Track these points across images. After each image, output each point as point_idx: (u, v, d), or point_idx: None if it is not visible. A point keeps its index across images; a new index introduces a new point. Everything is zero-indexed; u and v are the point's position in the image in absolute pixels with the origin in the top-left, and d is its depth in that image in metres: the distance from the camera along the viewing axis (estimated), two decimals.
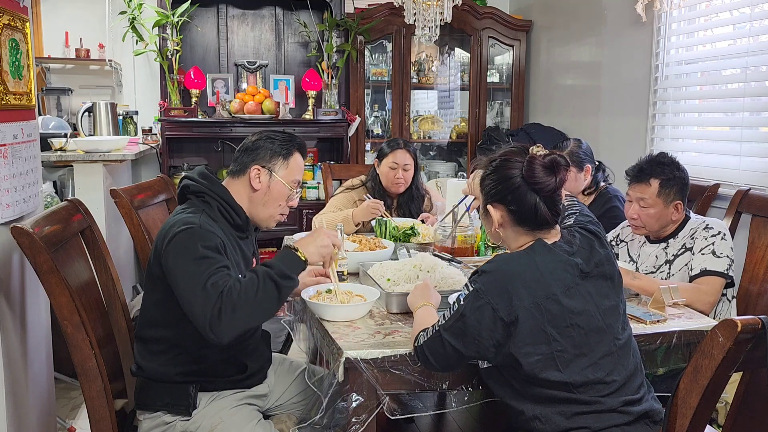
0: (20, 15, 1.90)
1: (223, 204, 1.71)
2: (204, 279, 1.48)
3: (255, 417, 1.74)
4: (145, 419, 1.71)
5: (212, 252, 1.55)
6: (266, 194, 1.76)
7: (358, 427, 1.52)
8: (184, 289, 1.51)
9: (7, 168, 1.80)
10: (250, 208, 1.78)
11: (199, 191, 1.72)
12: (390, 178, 2.91)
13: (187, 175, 1.78)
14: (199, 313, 1.46)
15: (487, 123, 4.75)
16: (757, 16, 2.82)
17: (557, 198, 1.49)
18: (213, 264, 1.52)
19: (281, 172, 1.77)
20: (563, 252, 1.47)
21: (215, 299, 1.45)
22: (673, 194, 2.20)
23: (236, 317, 1.46)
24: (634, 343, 1.54)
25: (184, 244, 1.55)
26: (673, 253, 2.25)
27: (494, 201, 1.52)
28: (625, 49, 3.65)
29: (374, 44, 4.58)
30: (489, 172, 1.53)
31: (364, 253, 2.26)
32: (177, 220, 1.63)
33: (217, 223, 1.68)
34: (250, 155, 1.76)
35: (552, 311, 1.40)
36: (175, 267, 1.54)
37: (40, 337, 2.08)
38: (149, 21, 3.98)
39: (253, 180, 1.74)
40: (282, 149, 1.77)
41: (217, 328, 1.45)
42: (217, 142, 4.42)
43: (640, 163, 2.27)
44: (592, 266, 1.48)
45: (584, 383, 1.41)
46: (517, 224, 1.50)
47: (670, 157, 2.25)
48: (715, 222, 2.24)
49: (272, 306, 1.54)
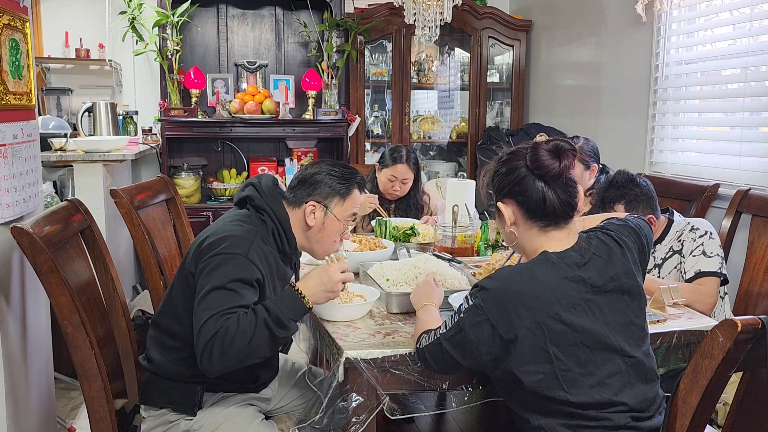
0: (20, 15, 1.90)
1: (279, 228, 1.68)
2: (211, 313, 1.47)
3: (257, 417, 1.74)
4: (149, 416, 1.70)
5: (242, 287, 1.51)
6: (320, 231, 1.72)
7: (358, 427, 1.52)
8: (197, 312, 1.50)
9: (7, 168, 1.80)
10: (305, 243, 1.74)
11: (261, 207, 1.68)
12: (386, 187, 2.98)
13: (254, 183, 1.72)
14: (196, 343, 1.47)
15: (487, 123, 4.75)
16: (757, 16, 2.82)
17: (569, 188, 1.45)
18: (231, 301, 1.49)
19: (337, 209, 1.72)
20: (572, 263, 1.40)
21: (208, 339, 1.44)
22: (641, 211, 2.18)
23: (225, 359, 1.45)
24: (651, 360, 1.46)
25: (220, 269, 1.52)
26: (661, 257, 2.25)
27: (503, 197, 1.48)
28: (625, 49, 3.64)
29: (374, 44, 4.58)
30: (497, 168, 1.51)
31: (364, 253, 2.26)
32: (229, 235, 1.57)
33: (267, 245, 1.64)
34: (308, 189, 1.71)
35: (554, 330, 1.35)
36: (202, 286, 1.52)
37: (40, 337, 2.08)
38: (149, 21, 3.98)
39: (308, 216, 1.70)
40: (341, 188, 1.72)
41: (207, 365, 1.46)
42: (217, 142, 4.43)
43: (599, 192, 2.25)
44: (606, 279, 1.40)
45: (591, 404, 1.37)
46: (529, 219, 1.46)
47: (626, 176, 2.23)
48: (699, 222, 2.24)
49: (265, 351, 1.51)
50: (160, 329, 1.70)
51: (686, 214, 2.74)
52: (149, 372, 1.71)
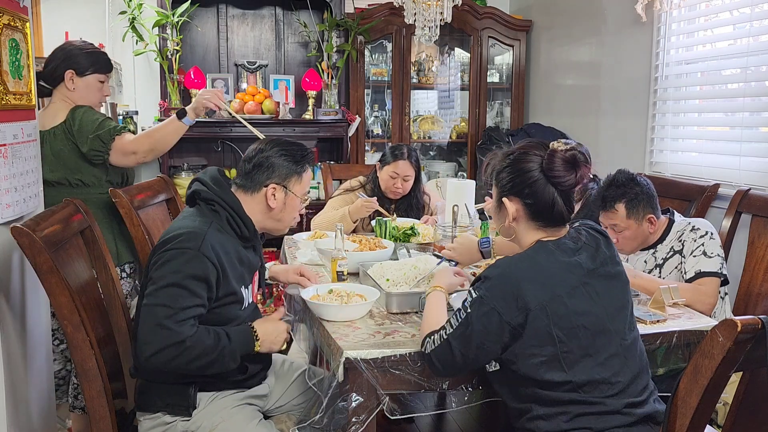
0: (20, 15, 1.90)
1: (233, 215, 1.70)
2: (168, 312, 1.50)
3: (256, 417, 1.74)
4: (144, 419, 1.70)
5: (195, 283, 1.55)
6: (282, 210, 1.77)
7: (358, 427, 1.52)
8: (148, 305, 1.52)
9: (7, 168, 1.80)
10: (264, 222, 1.78)
11: (210, 199, 1.70)
12: (389, 185, 2.96)
13: (199, 178, 1.75)
14: (144, 334, 1.50)
15: (487, 123, 4.75)
16: (757, 16, 2.82)
17: (573, 196, 1.50)
18: (184, 299, 1.53)
19: (296, 188, 1.78)
20: (567, 250, 1.45)
21: (165, 343, 1.49)
22: (641, 210, 2.19)
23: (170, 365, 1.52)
24: (640, 345, 1.52)
25: (172, 263, 1.55)
26: (662, 256, 2.25)
27: (510, 194, 1.51)
28: (625, 49, 3.64)
29: (374, 44, 4.58)
30: (506, 165, 1.52)
31: (364, 253, 2.26)
32: (182, 231, 1.60)
33: (224, 234, 1.67)
34: (265, 173, 1.74)
35: (558, 313, 1.39)
36: (154, 279, 1.55)
37: (40, 337, 2.08)
38: (149, 21, 3.98)
39: (269, 198, 1.74)
40: (297, 167, 1.78)
41: (146, 362, 1.51)
42: (217, 142, 4.42)
43: (600, 191, 2.27)
44: (597, 264, 1.46)
45: (589, 382, 1.41)
46: (532, 219, 1.50)
47: (627, 175, 2.24)
48: (700, 222, 2.24)
49: (206, 370, 1.58)
50: None
51: (686, 214, 2.74)
52: (140, 379, 1.73)
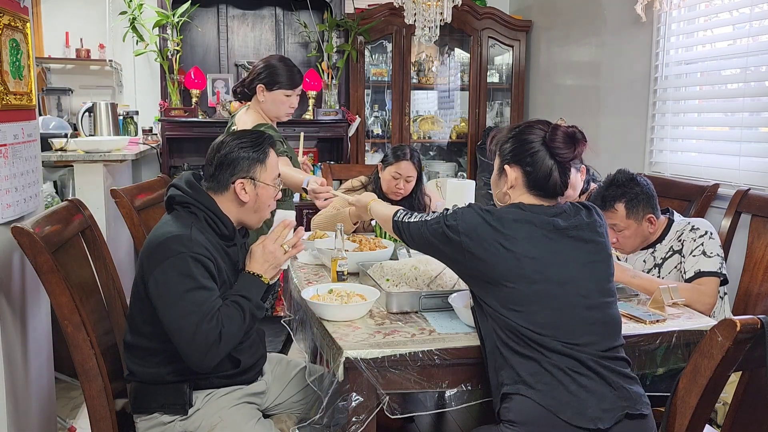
0: (20, 15, 1.90)
1: (210, 215, 1.69)
2: (197, 317, 1.54)
3: (255, 416, 1.74)
4: (141, 420, 1.71)
5: (204, 278, 1.59)
6: (256, 202, 1.74)
7: (357, 426, 1.53)
8: (175, 318, 1.55)
9: (8, 168, 1.80)
10: (241, 217, 1.76)
11: (185, 202, 1.70)
12: (390, 186, 2.95)
13: (174, 183, 1.74)
14: (187, 353, 1.56)
15: (487, 123, 4.76)
16: (757, 16, 2.82)
17: (568, 172, 1.59)
18: (205, 298, 1.57)
19: (263, 176, 1.73)
20: (543, 211, 1.54)
21: (210, 345, 1.55)
22: (641, 210, 2.20)
23: (220, 353, 1.58)
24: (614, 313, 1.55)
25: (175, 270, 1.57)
26: (661, 256, 2.25)
27: (512, 162, 1.60)
28: (625, 49, 3.65)
29: (374, 44, 4.58)
30: (510, 137, 1.62)
31: (364, 253, 2.26)
32: (167, 238, 1.60)
33: (205, 234, 1.67)
34: (227, 170, 1.71)
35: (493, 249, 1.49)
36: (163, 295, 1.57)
37: (41, 337, 2.08)
38: (149, 21, 3.98)
39: (239, 193, 1.71)
40: (258, 155, 1.73)
41: (206, 366, 1.58)
42: None
43: (600, 191, 2.28)
44: (569, 225, 1.54)
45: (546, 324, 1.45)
46: (528, 187, 1.58)
47: (626, 174, 2.25)
48: (699, 222, 2.25)
49: (249, 331, 1.70)
50: (132, 347, 1.72)
51: (686, 214, 2.74)
52: (134, 383, 1.73)
